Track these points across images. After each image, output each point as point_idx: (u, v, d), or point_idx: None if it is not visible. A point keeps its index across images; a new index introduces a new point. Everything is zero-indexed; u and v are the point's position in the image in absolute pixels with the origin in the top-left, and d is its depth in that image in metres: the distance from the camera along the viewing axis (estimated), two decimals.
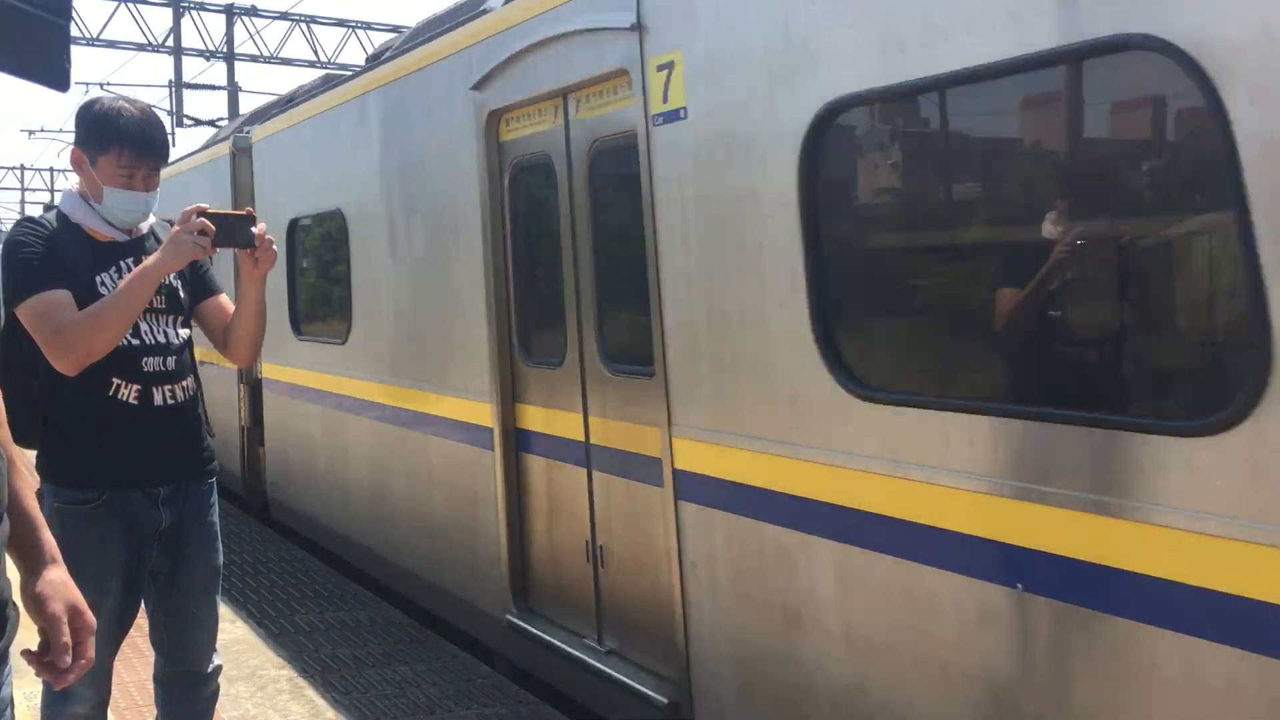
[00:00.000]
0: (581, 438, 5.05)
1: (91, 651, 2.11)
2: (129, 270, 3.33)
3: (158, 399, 3.38)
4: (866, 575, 3.52)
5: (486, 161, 5.61)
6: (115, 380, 3.32)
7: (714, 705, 4.20)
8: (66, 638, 2.05)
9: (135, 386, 3.34)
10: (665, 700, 4.41)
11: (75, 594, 2.11)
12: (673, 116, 4.30)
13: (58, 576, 2.10)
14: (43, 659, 2.06)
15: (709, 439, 4.14)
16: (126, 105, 3.37)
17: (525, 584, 5.56)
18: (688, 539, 4.27)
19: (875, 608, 3.49)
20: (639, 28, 4.42)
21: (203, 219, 3.23)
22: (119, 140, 3.31)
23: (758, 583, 3.95)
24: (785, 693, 3.86)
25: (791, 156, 3.68)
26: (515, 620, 5.46)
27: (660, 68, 4.35)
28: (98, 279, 3.32)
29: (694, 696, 4.28)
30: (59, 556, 2.14)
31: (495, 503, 5.60)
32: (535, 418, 5.44)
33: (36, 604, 2.08)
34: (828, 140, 3.64)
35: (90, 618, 2.12)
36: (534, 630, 5.32)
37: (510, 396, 5.57)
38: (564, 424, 5.19)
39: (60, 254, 3.28)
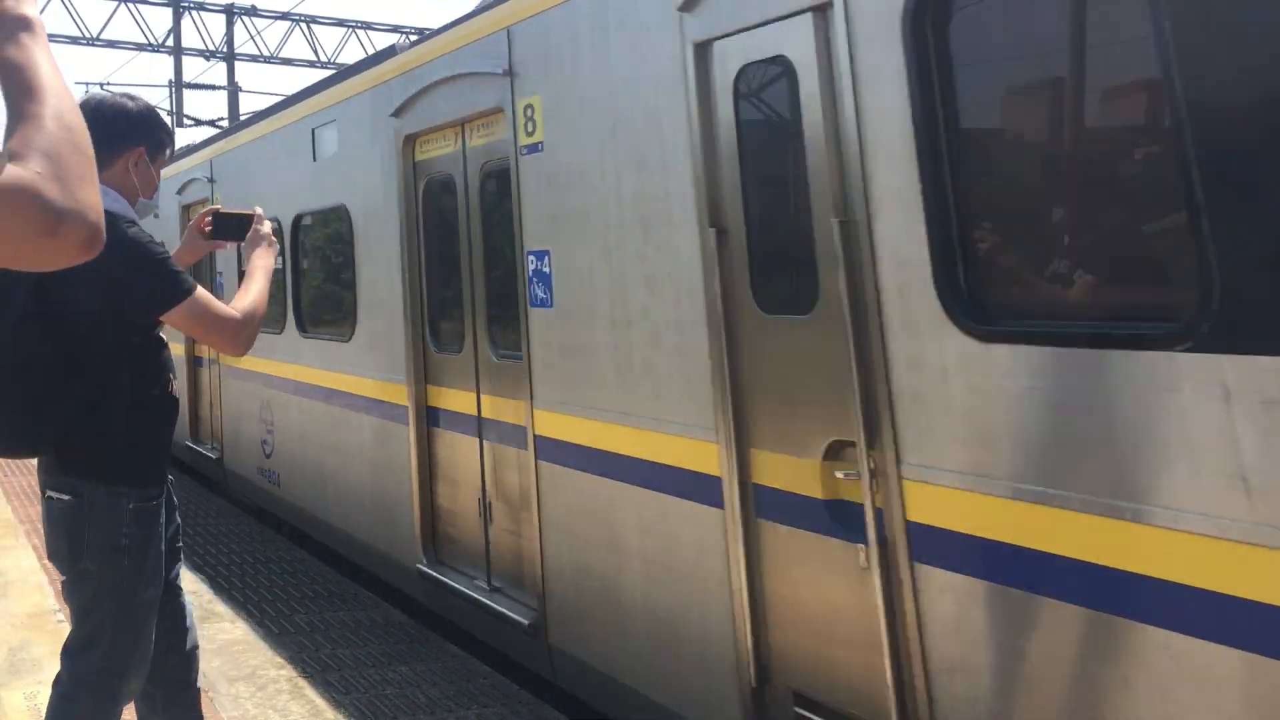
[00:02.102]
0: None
1: None
2: None
3: (175, 391, 3.46)
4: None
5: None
6: (168, 375, 3.37)
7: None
8: None
9: (174, 381, 3.42)
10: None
11: None
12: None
13: None
14: None
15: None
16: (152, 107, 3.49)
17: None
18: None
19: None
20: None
21: (264, 219, 3.54)
22: (169, 138, 3.46)
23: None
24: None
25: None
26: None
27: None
28: None
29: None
30: None
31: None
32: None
33: None
34: None
35: None
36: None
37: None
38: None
39: None
